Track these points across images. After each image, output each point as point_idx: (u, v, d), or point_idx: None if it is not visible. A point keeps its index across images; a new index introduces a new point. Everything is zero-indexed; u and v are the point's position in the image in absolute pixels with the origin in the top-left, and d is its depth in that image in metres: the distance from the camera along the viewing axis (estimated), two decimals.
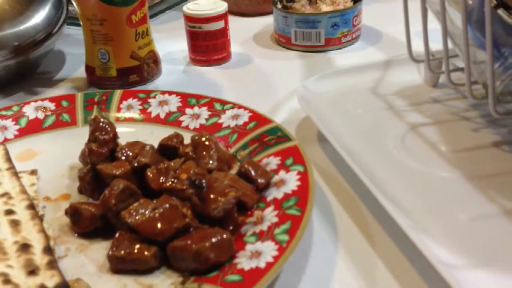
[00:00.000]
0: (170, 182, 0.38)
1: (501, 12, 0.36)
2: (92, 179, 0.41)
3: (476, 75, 0.42)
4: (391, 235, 0.37)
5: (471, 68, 0.42)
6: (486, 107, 0.41)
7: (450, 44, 0.45)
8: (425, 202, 0.37)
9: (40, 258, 0.31)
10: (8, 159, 0.41)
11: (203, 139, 0.41)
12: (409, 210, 0.37)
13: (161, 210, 0.35)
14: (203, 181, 0.36)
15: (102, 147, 0.42)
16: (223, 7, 0.62)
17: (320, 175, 0.44)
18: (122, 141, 0.44)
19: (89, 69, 0.59)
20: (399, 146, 0.44)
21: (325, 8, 0.68)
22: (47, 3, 0.66)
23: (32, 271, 0.30)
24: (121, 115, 0.51)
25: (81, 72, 0.62)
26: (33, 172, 0.43)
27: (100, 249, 0.36)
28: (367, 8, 0.70)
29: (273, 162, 0.41)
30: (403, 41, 0.50)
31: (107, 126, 0.43)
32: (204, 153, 0.41)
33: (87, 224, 0.37)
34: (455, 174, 0.40)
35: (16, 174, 0.40)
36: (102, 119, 0.43)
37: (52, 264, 0.30)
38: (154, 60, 0.60)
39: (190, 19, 0.62)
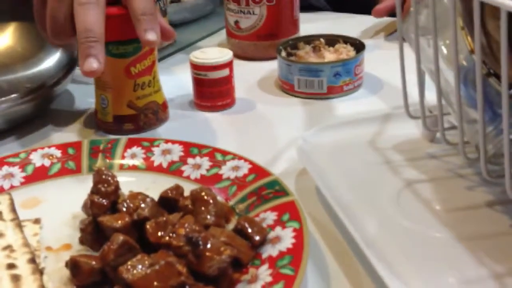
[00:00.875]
0: (167, 237, 0.39)
1: (492, 80, 0.38)
2: (93, 230, 0.42)
3: (469, 136, 0.43)
4: None
5: (464, 128, 0.43)
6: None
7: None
8: (416, 263, 0.38)
9: None
10: (13, 209, 0.42)
11: (202, 194, 0.43)
12: (400, 271, 0.37)
13: (157, 267, 0.36)
14: (199, 238, 0.37)
15: (103, 199, 0.43)
16: (228, 56, 0.64)
17: (316, 228, 0.45)
18: (125, 188, 0.46)
19: (95, 110, 0.61)
20: (394, 203, 0.44)
21: (328, 56, 0.70)
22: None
23: None
24: (125, 163, 0.52)
25: (91, 113, 0.64)
26: (37, 221, 0.44)
27: None
28: (369, 55, 0.72)
29: (270, 217, 0.42)
30: (408, 89, 0.50)
31: (109, 178, 0.44)
32: (203, 208, 0.42)
33: (86, 277, 0.38)
34: (447, 234, 0.41)
35: (19, 225, 0.41)
36: (105, 171, 0.44)
37: None
38: (153, 111, 0.60)
39: (196, 67, 0.63)
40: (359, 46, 0.70)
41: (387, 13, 0.83)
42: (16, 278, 0.35)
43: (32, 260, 0.37)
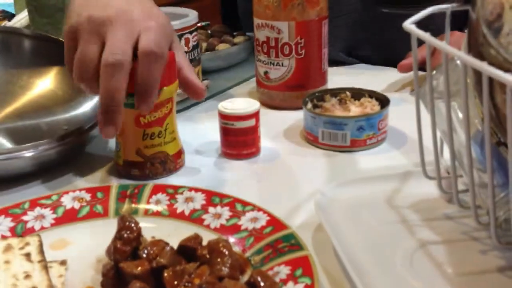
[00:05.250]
0: (183, 287, 0.40)
1: (502, 150, 0.39)
2: (114, 275, 0.44)
3: (481, 200, 0.44)
4: None
5: (478, 192, 0.44)
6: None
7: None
8: None
9: None
10: (41, 251, 0.45)
11: (219, 245, 0.44)
12: None
13: None
14: None
15: (126, 246, 0.45)
16: (255, 106, 0.66)
17: (329, 283, 0.46)
18: (147, 234, 0.48)
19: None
20: (407, 264, 0.45)
21: (353, 109, 0.72)
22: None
23: None
24: (150, 208, 0.54)
25: None
26: (63, 263, 0.46)
27: None
28: (395, 109, 0.73)
29: (283, 271, 0.44)
30: (428, 146, 0.51)
31: (132, 225, 0.46)
32: (219, 259, 0.44)
33: None
34: None
35: (46, 267, 0.43)
36: (128, 218, 0.47)
37: None
38: (161, 161, 0.62)
39: (224, 117, 0.66)
40: (384, 101, 0.71)
41: (412, 68, 0.85)
42: None
43: None
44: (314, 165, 0.66)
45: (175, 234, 0.51)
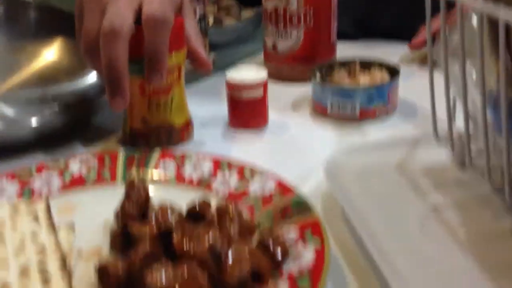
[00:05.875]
0: (192, 248, 0.40)
1: None
2: (122, 237, 0.44)
3: (495, 160, 0.43)
4: None
5: (492, 154, 0.43)
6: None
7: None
8: None
9: None
10: (49, 213, 0.45)
11: (228, 209, 0.44)
12: None
13: (180, 277, 0.37)
14: (222, 250, 0.38)
15: (134, 208, 0.45)
16: (262, 75, 0.65)
17: (339, 249, 0.45)
18: (155, 199, 0.48)
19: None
20: (419, 229, 0.45)
21: (363, 80, 0.71)
22: None
23: None
24: (157, 175, 0.54)
25: None
26: (70, 226, 0.46)
27: None
28: (405, 82, 0.72)
29: (292, 234, 0.43)
30: (440, 117, 0.51)
31: (141, 188, 0.46)
32: (227, 222, 0.43)
33: (112, 283, 0.40)
34: (470, 263, 0.40)
35: (54, 227, 0.43)
36: (137, 182, 0.46)
37: None
38: (166, 132, 0.61)
39: (231, 87, 0.65)
40: (394, 72, 0.70)
41: (424, 45, 0.83)
42: (46, 279, 0.36)
43: (63, 263, 0.38)
44: (323, 136, 0.65)
45: (183, 200, 0.50)
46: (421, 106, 0.71)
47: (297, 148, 0.63)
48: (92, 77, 0.71)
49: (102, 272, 0.40)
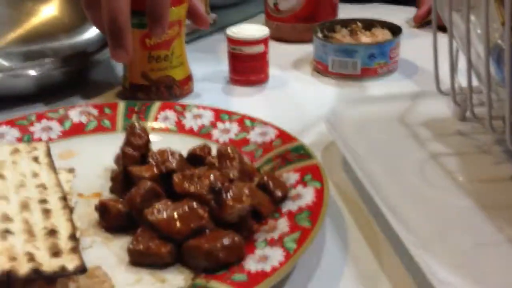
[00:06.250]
0: (192, 188, 0.40)
1: None
2: (123, 180, 0.44)
3: (497, 111, 0.43)
4: (399, 255, 0.38)
5: (492, 102, 0.43)
6: None
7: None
8: (435, 227, 0.39)
9: (65, 244, 0.34)
10: (49, 154, 0.45)
11: (228, 150, 0.44)
12: (419, 233, 0.38)
13: (181, 211, 0.37)
14: (222, 187, 0.38)
15: (134, 151, 0.45)
16: (264, 32, 0.65)
17: (339, 195, 0.46)
18: (155, 147, 0.47)
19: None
20: (418, 173, 0.45)
21: (364, 39, 0.70)
22: None
23: (56, 253, 0.32)
24: (157, 125, 0.54)
25: None
26: (71, 170, 0.46)
27: (123, 243, 0.39)
28: (407, 42, 0.72)
29: (292, 177, 0.43)
30: (440, 76, 0.51)
31: (141, 133, 0.46)
32: (228, 163, 0.43)
33: (113, 220, 0.40)
34: (469, 203, 0.41)
35: (54, 168, 0.43)
36: (137, 126, 0.46)
37: (75, 250, 0.33)
38: (167, 86, 0.61)
39: (233, 42, 0.65)
40: (396, 31, 0.70)
41: (427, 15, 0.83)
42: (46, 211, 0.37)
43: (63, 198, 0.39)
44: (324, 92, 0.65)
45: (183, 147, 0.50)
46: (422, 65, 0.71)
47: (297, 103, 0.63)
48: (90, 33, 0.71)
49: (103, 208, 0.40)
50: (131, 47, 0.54)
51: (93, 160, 0.49)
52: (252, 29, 0.65)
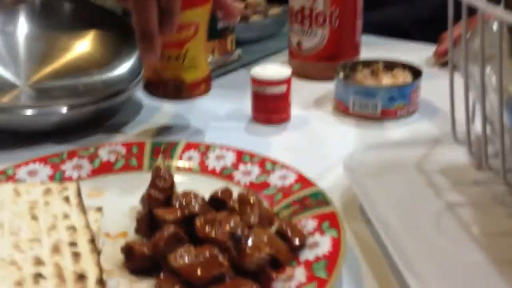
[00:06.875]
0: (214, 233, 0.42)
1: None
2: (148, 221, 0.46)
3: (511, 162, 0.44)
4: None
5: (506, 155, 0.44)
6: None
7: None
8: (449, 282, 0.40)
9: None
10: (79, 194, 0.47)
11: (249, 197, 0.46)
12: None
13: (202, 258, 0.39)
14: (242, 235, 0.40)
15: (159, 194, 0.47)
16: (286, 72, 0.67)
17: (356, 242, 0.47)
18: (179, 188, 0.50)
19: None
20: (434, 224, 0.46)
21: (385, 80, 0.72)
22: (133, 54, 0.74)
23: None
24: (182, 164, 0.56)
25: (155, 121, 0.69)
26: (99, 210, 0.48)
27: (147, 285, 0.41)
28: (427, 83, 0.73)
29: (310, 224, 0.45)
30: (460, 119, 0.52)
31: (166, 175, 0.48)
32: (248, 209, 0.45)
33: (138, 262, 0.42)
34: (483, 258, 0.42)
35: (83, 209, 0.45)
36: (163, 169, 0.48)
37: None
38: (175, 86, 0.61)
39: (256, 82, 0.67)
40: (416, 72, 0.71)
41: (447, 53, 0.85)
42: (76, 255, 0.39)
43: (92, 241, 0.41)
44: (344, 133, 0.67)
45: (206, 189, 0.52)
46: (441, 108, 0.72)
47: (318, 144, 0.65)
48: (121, 69, 0.74)
49: (128, 251, 0.42)
50: (159, 50, 0.56)
51: (120, 199, 0.51)
52: (275, 70, 0.68)
